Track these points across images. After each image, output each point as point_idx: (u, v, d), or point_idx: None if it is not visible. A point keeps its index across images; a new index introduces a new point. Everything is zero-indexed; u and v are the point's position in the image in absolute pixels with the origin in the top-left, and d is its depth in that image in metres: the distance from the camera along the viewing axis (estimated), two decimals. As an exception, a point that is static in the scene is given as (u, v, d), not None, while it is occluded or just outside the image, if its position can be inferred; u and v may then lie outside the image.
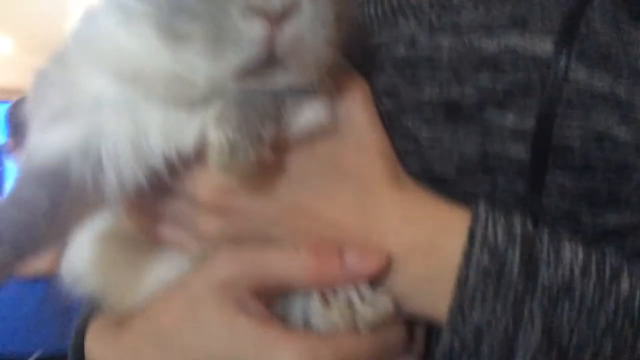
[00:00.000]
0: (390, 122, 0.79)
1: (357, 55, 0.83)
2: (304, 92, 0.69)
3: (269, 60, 0.62)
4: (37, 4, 5.08)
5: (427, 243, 0.65)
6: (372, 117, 0.75)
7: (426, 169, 0.77)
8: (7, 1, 5.09)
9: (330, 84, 0.71)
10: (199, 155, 0.68)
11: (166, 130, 0.67)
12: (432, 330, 0.70)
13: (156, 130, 0.67)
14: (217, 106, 0.65)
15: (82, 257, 0.79)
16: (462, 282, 0.61)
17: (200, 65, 0.61)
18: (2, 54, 6.41)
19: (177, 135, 0.67)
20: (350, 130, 0.73)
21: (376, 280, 0.68)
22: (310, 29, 0.62)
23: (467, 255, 0.62)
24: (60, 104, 0.68)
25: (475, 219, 0.65)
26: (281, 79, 0.66)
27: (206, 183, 0.69)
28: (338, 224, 0.70)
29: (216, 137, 0.62)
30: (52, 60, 0.73)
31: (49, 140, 0.68)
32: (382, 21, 0.85)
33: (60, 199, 0.68)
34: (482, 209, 0.68)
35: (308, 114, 0.69)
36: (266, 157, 0.64)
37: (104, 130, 0.67)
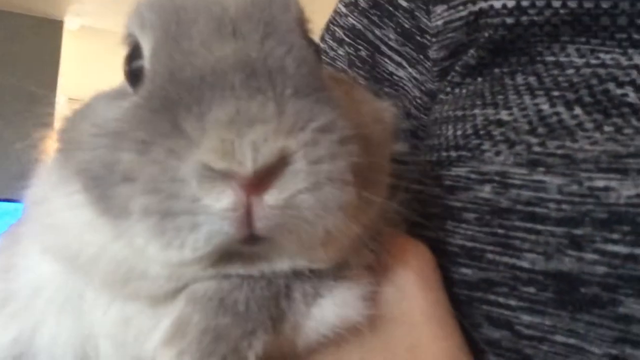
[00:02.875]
0: (471, 297, 0.53)
1: (423, 201, 0.59)
2: (322, 275, 0.46)
3: (250, 238, 0.41)
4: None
5: None
6: (434, 307, 0.49)
7: None
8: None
9: (366, 258, 0.48)
10: None
11: (120, 336, 0.47)
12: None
13: (107, 334, 0.47)
14: (176, 308, 0.44)
15: None
16: None
17: (148, 249, 0.41)
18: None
19: (134, 343, 0.47)
20: (399, 329, 0.48)
21: None
22: (310, 191, 0.40)
23: None
24: None
25: None
26: (277, 262, 0.44)
27: None
28: None
29: None
30: (8, 230, 0.58)
31: None
32: (462, 147, 0.61)
33: None
34: None
35: (329, 310, 0.46)
36: None
37: (40, 330, 0.49)
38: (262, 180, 0.38)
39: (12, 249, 0.53)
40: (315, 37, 0.57)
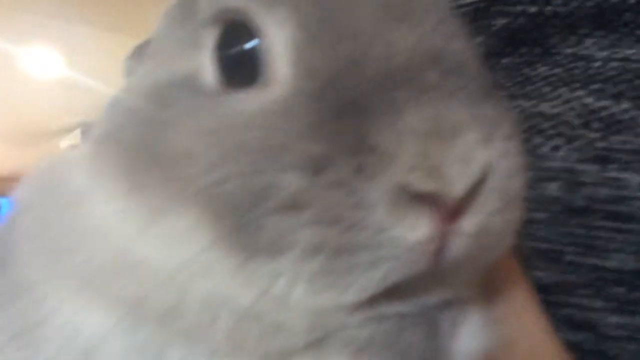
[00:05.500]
0: (546, 302, 0.51)
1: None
2: (454, 304, 0.40)
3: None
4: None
5: None
6: (542, 317, 0.46)
7: None
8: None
9: (483, 283, 0.43)
10: None
11: None
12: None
13: None
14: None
15: None
16: None
17: (293, 294, 0.32)
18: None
19: None
20: (519, 353, 0.44)
21: None
22: (500, 213, 0.33)
23: None
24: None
25: None
26: (431, 294, 0.37)
27: None
28: None
29: None
30: None
31: None
32: None
33: None
34: None
35: (470, 339, 0.40)
36: None
37: None
38: (466, 203, 0.31)
39: (22, 302, 0.38)
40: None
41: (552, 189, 0.53)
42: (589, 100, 0.57)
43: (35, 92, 4.85)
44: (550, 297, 0.51)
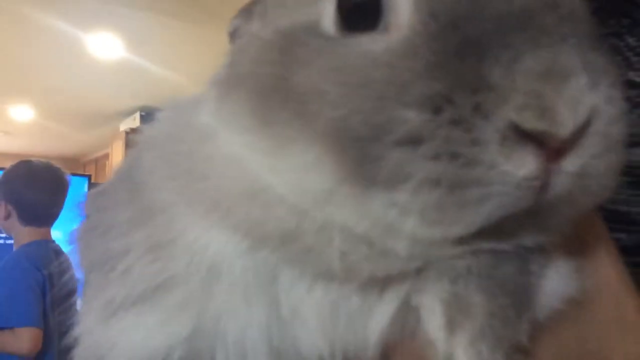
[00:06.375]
0: (627, 263, 0.52)
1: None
2: (544, 249, 0.42)
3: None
4: (56, 75, 4.96)
5: None
6: (623, 272, 0.48)
7: None
8: (28, 72, 4.95)
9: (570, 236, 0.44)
10: None
11: (328, 321, 0.40)
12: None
13: (312, 320, 0.40)
14: (437, 286, 0.38)
15: None
16: None
17: (405, 225, 0.34)
18: (24, 122, 6.34)
19: (346, 328, 0.40)
20: (604, 299, 0.46)
21: None
22: (601, 157, 0.35)
23: None
24: (145, 276, 0.42)
25: None
26: (529, 236, 0.39)
27: None
28: None
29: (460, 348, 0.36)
30: (116, 195, 0.47)
31: (130, 336, 0.42)
32: None
33: None
34: None
35: (557, 282, 0.42)
36: None
37: (226, 320, 0.41)
38: (570, 143, 0.34)
39: (155, 222, 0.42)
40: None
41: (637, 153, 0.54)
42: None
43: (97, 77, 5.02)
44: (629, 259, 0.53)
